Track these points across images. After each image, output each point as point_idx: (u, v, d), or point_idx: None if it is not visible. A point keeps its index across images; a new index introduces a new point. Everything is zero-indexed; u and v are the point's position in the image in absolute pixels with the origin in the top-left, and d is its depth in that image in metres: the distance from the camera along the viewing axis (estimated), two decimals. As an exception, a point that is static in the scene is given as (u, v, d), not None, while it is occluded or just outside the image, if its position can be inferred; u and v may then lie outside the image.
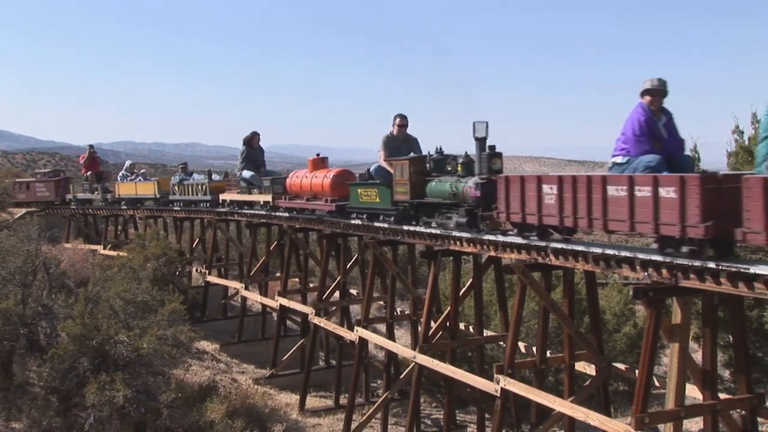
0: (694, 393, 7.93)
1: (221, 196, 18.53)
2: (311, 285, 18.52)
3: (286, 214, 15.61)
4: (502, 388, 9.50)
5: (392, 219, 11.92)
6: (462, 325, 13.21)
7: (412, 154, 12.12)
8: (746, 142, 11.81)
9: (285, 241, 17.31)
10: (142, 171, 25.38)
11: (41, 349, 11.85)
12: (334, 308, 16.81)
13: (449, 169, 11.06)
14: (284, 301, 16.85)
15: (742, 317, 7.91)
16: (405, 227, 11.57)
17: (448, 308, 11.62)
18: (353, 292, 16.60)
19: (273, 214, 16.25)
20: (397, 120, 12.67)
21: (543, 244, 8.66)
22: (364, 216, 12.78)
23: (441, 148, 11.41)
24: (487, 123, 9.95)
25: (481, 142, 10.01)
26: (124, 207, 23.24)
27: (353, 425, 13.16)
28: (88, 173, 25.61)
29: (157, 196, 21.45)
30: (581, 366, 10.09)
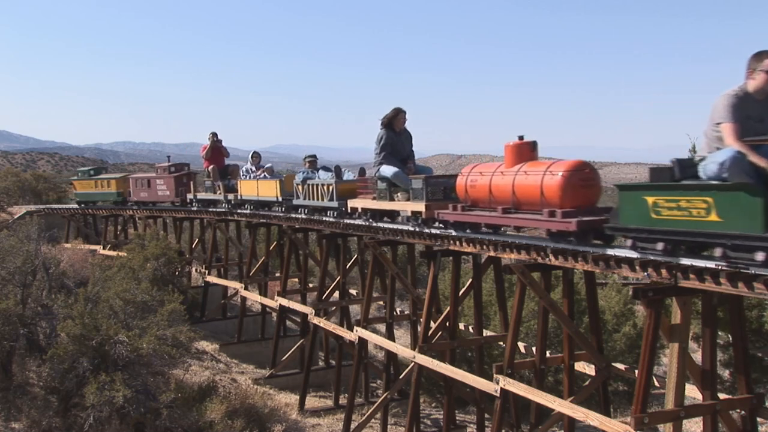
0: (693, 393, 7.94)
1: (351, 203, 13.06)
2: (311, 285, 18.54)
3: (452, 233, 10.31)
4: (501, 388, 9.50)
5: None
6: (461, 325, 13.22)
7: None
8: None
9: (284, 241, 17.31)
10: (268, 165, 18.11)
11: (41, 349, 11.85)
12: (333, 308, 16.81)
13: None
14: (284, 301, 16.86)
15: (742, 317, 7.91)
16: (407, 227, 11.53)
17: (448, 308, 11.63)
18: (353, 292, 16.60)
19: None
20: None
21: (542, 244, 8.65)
22: (661, 246, 7.07)
23: None
24: None
25: None
26: (248, 211, 17.99)
27: (353, 425, 13.16)
28: (210, 168, 19.73)
29: (280, 198, 16.18)
30: (581, 366, 10.09)
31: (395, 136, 11.96)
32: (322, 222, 14.38)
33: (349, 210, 13.15)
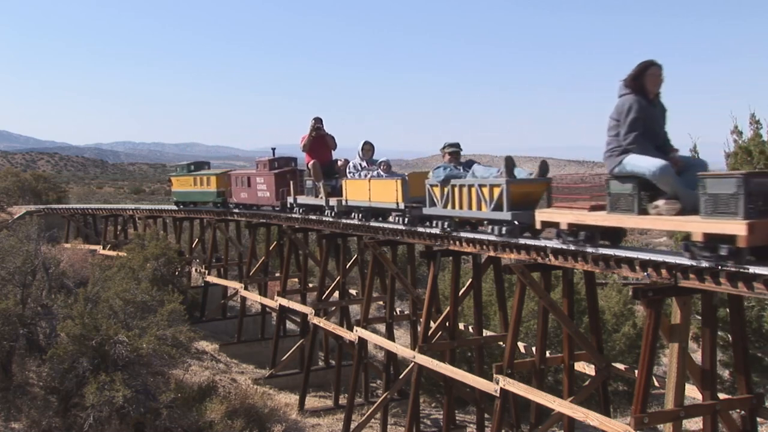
0: (693, 393, 7.94)
1: (543, 216, 8.48)
2: (311, 285, 18.56)
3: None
4: (501, 388, 9.50)
5: None
6: (461, 325, 13.22)
7: None
8: (745, 142, 11.81)
9: (284, 241, 17.31)
10: (384, 159, 13.07)
11: (41, 349, 11.86)
12: (333, 308, 16.82)
13: None
14: (284, 301, 16.86)
15: (742, 317, 7.91)
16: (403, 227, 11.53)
17: (448, 308, 11.63)
18: (353, 292, 16.62)
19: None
20: None
21: (542, 244, 8.64)
22: None
23: None
24: None
25: None
26: (356, 221, 13.17)
27: (353, 425, 13.16)
28: (311, 163, 14.76)
29: (402, 205, 11.51)
30: (580, 366, 10.09)
31: (650, 109, 7.33)
32: (322, 222, 14.32)
33: (538, 225, 8.58)
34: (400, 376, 13.41)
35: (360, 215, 12.95)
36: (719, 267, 6.42)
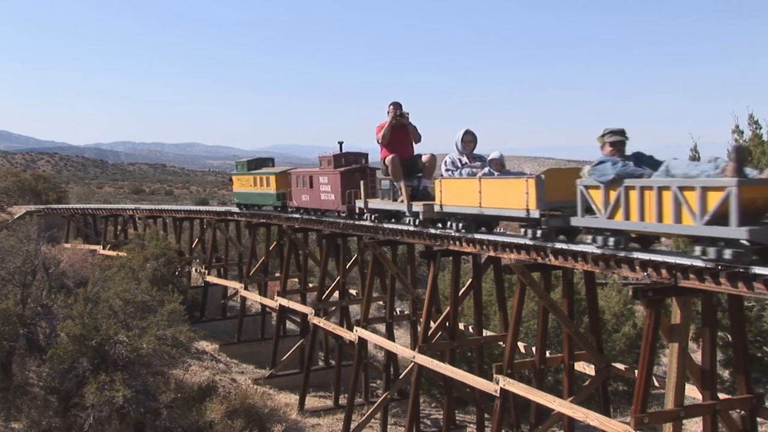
0: (693, 393, 7.94)
1: None
2: (310, 285, 18.56)
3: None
4: (501, 388, 9.50)
5: None
6: (461, 325, 13.22)
7: None
8: (746, 142, 11.81)
9: (284, 241, 17.31)
10: (495, 155, 10.02)
11: (41, 349, 11.86)
12: (333, 308, 16.83)
13: None
14: (284, 301, 16.87)
15: (742, 317, 7.91)
16: (404, 227, 11.51)
17: (448, 308, 11.62)
18: (352, 292, 16.61)
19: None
20: None
21: (542, 244, 8.63)
22: None
23: None
24: None
25: None
26: (454, 232, 10.29)
27: (353, 425, 13.16)
28: (389, 159, 11.78)
29: (535, 212, 8.48)
30: (580, 366, 10.09)
31: None
32: (322, 222, 14.28)
33: None
34: (400, 376, 13.41)
35: (459, 224, 10.19)
36: (718, 267, 6.41)
